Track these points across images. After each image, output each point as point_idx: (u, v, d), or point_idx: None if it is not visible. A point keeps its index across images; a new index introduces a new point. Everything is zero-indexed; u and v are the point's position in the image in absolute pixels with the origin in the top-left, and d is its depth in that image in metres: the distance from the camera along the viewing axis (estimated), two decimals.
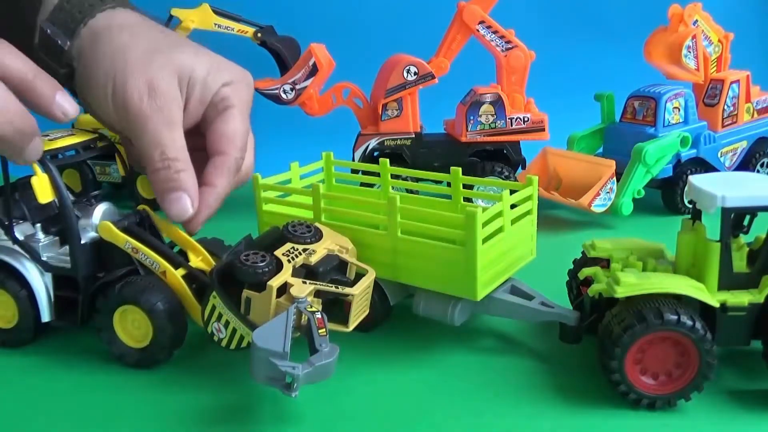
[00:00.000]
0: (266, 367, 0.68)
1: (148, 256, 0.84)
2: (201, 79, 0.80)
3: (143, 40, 0.80)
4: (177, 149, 0.78)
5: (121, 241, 0.85)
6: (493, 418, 0.74)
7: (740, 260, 0.78)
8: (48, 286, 0.88)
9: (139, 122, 0.77)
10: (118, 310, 0.84)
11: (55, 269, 0.87)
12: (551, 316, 0.85)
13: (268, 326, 0.71)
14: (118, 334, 0.85)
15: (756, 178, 0.84)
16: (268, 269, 0.76)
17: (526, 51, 1.43)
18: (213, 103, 0.82)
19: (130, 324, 0.84)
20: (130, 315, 0.84)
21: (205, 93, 0.81)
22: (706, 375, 0.72)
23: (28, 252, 0.87)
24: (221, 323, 0.78)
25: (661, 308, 0.72)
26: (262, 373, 0.69)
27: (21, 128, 0.71)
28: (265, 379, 0.69)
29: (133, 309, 0.83)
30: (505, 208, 0.86)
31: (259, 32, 1.54)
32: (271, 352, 0.67)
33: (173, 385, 0.82)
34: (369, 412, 0.76)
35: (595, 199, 1.30)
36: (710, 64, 1.50)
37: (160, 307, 0.82)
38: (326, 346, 0.70)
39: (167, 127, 0.78)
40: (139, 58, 0.78)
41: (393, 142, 1.44)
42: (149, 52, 0.79)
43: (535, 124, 1.42)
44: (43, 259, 0.87)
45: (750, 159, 1.52)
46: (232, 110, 0.83)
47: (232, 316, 0.77)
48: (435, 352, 0.88)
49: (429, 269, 0.85)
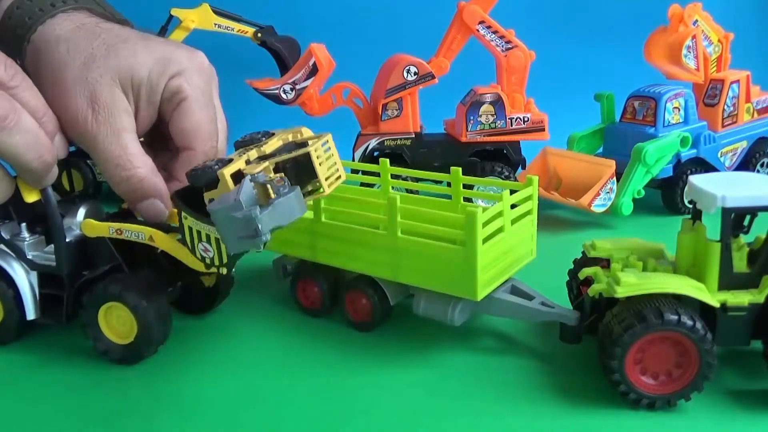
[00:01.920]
0: (230, 227, 0.66)
1: (132, 230, 0.83)
2: (144, 79, 0.77)
3: (79, 52, 0.77)
4: (132, 157, 0.77)
5: (105, 230, 0.84)
6: (493, 418, 0.74)
7: (740, 260, 0.77)
8: (33, 284, 0.88)
9: (89, 140, 0.76)
10: (103, 307, 0.84)
11: (40, 267, 0.88)
12: (551, 316, 0.85)
13: (220, 197, 0.69)
14: (103, 330, 0.85)
15: (756, 178, 0.84)
16: (218, 165, 0.73)
17: (526, 51, 1.43)
18: (165, 99, 0.80)
19: (114, 320, 0.85)
20: (115, 311, 0.84)
21: (152, 92, 0.79)
22: (706, 375, 0.72)
23: (14, 250, 0.88)
24: (203, 241, 0.75)
25: (661, 308, 0.72)
26: (230, 238, 0.67)
27: (49, 161, 0.73)
28: (237, 243, 0.67)
29: (118, 306, 0.84)
30: (506, 208, 0.86)
31: (259, 32, 1.54)
32: (225, 208, 0.66)
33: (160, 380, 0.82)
34: (369, 412, 0.76)
35: (595, 199, 1.29)
36: (710, 64, 1.50)
37: (144, 304, 0.82)
38: (284, 188, 0.68)
39: (116, 138, 0.76)
40: (77, 75, 0.76)
41: (393, 142, 1.44)
42: (86, 65, 0.76)
43: (535, 124, 1.42)
44: (29, 258, 0.88)
45: (750, 159, 1.51)
46: (186, 102, 0.80)
47: (206, 228, 0.74)
48: (435, 352, 0.88)
49: (429, 269, 0.85)
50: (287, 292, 1.02)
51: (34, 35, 0.78)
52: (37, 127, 0.71)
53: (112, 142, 0.76)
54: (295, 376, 0.83)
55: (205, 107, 0.81)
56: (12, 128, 0.69)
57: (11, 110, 0.68)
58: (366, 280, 0.92)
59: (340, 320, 0.96)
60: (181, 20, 1.48)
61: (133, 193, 0.79)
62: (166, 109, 0.81)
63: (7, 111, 0.68)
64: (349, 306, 0.94)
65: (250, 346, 0.91)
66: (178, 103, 0.80)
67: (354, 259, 0.92)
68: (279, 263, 1.03)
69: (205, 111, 0.81)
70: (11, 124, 0.68)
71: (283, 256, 1.03)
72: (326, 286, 0.97)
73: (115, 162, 0.77)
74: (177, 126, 0.81)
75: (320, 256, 0.95)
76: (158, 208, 0.80)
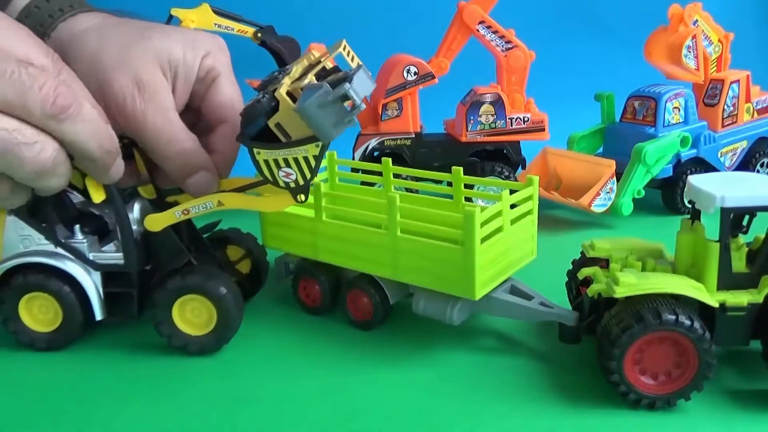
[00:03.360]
0: (324, 114, 0.69)
1: (197, 204, 0.83)
2: (180, 60, 0.80)
3: (113, 39, 0.79)
4: (182, 131, 0.79)
5: (171, 218, 0.85)
6: (493, 418, 0.74)
7: (739, 260, 0.78)
8: (97, 284, 0.87)
9: (139, 119, 0.77)
10: (179, 300, 0.86)
11: (104, 267, 0.87)
12: (550, 316, 0.85)
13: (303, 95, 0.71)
14: (177, 324, 0.86)
15: (756, 178, 0.84)
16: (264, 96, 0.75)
17: (526, 51, 1.43)
18: (199, 79, 0.83)
19: (189, 313, 0.86)
20: (190, 304, 0.86)
21: (188, 72, 0.81)
22: (706, 375, 0.72)
23: (73, 253, 0.87)
24: (282, 167, 0.77)
25: (659, 308, 0.72)
26: (326, 125, 0.70)
27: (110, 150, 0.72)
28: (333, 129, 0.71)
29: (194, 297, 0.85)
30: (505, 208, 0.86)
31: (259, 32, 1.54)
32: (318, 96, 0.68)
33: (159, 379, 0.82)
34: (369, 411, 0.76)
35: (595, 199, 1.30)
36: (710, 64, 1.50)
37: (224, 292, 0.85)
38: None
39: (164, 115, 0.78)
40: (116, 59, 0.77)
41: (393, 142, 1.44)
42: (123, 49, 0.78)
43: (535, 124, 1.42)
44: (90, 258, 0.87)
45: (750, 159, 1.52)
46: (219, 78, 0.84)
47: (283, 152, 0.76)
48: (435, 352, 0.88)
49: (428, 268, 0.85)
50: (288, 291, 1.02)
51: (55, 32, 0.80)
52: (97, 116, 0.70)
53: (162, 118, 0.78)
54: (295, 374, 0.83)
55: (233, 83, 0.86)
56: (75, 117, 0.67)
57: (73, 99, 0.67)
58: (367, 279, 0.92)
59: (341, 319, 0.96)
60: (181, 20, 1.48)
61: (186, 166, 0.80)
62: (199, 87, 0.83)
63: (70, 100, 0.66)
64: (350, 305, 0.95)
65: (251, 343, 0.91)
66: (213, 80, 0.83)
67: (355, 258, 0.92)
68: (281, 262, 1.03)
69: (234, 86, 0.86)
70: (75, 113, 0.67)
71: (284, 255, 1.03)
72: (327, 284, 0.97)
73: (167, 137, 0.78)
74: (213, 101, 0.84)
75: (321, 254, 0.95)
76: (209, 178, 0.82)
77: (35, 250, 0.86)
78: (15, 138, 0.62)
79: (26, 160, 0.64)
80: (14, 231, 0.86)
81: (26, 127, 0.63)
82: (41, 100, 0.63)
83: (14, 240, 0.86)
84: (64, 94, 0.65)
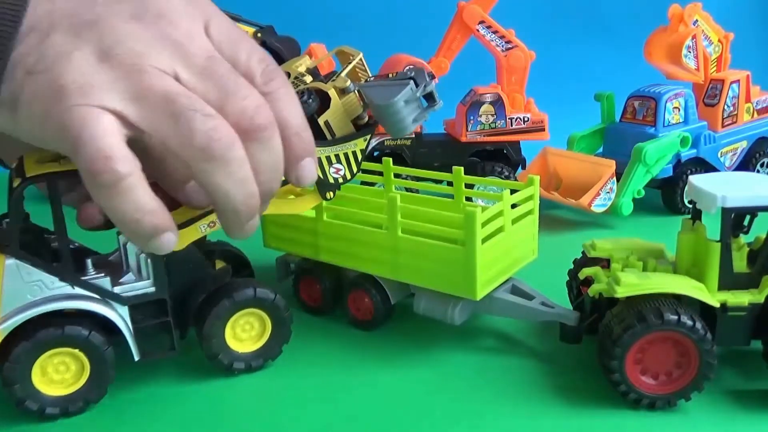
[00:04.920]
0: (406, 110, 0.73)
1: None
2: None
3: None
4: None
5: (195, 233, 0.75)
6: (493, 418, 0.74)
7: (740, 260, 0.78)
8: (127, 321, 0.76)
9: None
10: (231, 319, 0.81)
11: (134, 299, 0.76)
12: (551, 316, 0.85)
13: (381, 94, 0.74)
14: (229, 344, 0.82)
15: (756, 178, 0.84)
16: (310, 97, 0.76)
17: (526, 51, 1.43)
18: None
19: (240, 329, 0.83)
20: (242, 319, 0.82)
21: None
22: (706, 375, 0.73)
23: (96, 291, 0.75)
24: (333, 163, 0.78)
25: (661, 308, 0.72)
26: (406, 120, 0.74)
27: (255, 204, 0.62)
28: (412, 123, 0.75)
29: (249, 312, 0.82)
30: (506, 208, 0.86)
31: (259, 32, 1.54)
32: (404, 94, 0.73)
33: (160, 380, 0.82)
34: (369, 411, 0.76)
35: (595, 199, 1.30)
36: (710, 64, 1.50)
37: (277, 299, 0.83)
38: None
39: None
40: None
41: (393, 142, 1.44)
42: None
43: (535, 124, 1.42)
44: (116, 293, 0.75)
45: (750, 159, 1.52)
46: None
47: (336, 148, 0.77)
48: (435, 352, 0.88)
49: (429, 268, 0.85)
50: (290, 291, 1.02)
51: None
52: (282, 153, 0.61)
53: None
54: (296, 374, 0.83)
55: None
56: (265, 142, 0.59)
57: (270, 123, 0.59)
58: (368, 279, 0.92)
59: (342, 319, 0.96)
60: None
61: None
62: None
63: (266, 122, 0.59)
64: (352, 304, 0.95)
65: None
66: None
67: (355, 257, 0.92)
68: (282, 262, 1.03)
69: None
70: (267, 137, 0.59)
71: (285, 255, 1.03)
72: (328, 284, 0.97)
73: None
74: None
75: (322, 254, 0.95)
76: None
77: (49, 296, 0.72)
78: (194, 105, 0.56)
79: (196, 131, 0.56)
80: (17, 279, 0.71)
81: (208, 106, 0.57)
82: (240, 109, 0.58)
83: (19, 290, 0.71)
84: (265, 115, 0.59)
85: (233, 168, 0.58)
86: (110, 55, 0.56)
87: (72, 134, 0.55)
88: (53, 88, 0.55)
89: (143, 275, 0.77)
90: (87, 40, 0.57)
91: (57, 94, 0.55)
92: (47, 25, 0.57)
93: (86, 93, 0.55)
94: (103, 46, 0.56)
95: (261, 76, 0.62)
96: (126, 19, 0.58)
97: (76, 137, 0.54)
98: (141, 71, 0.56)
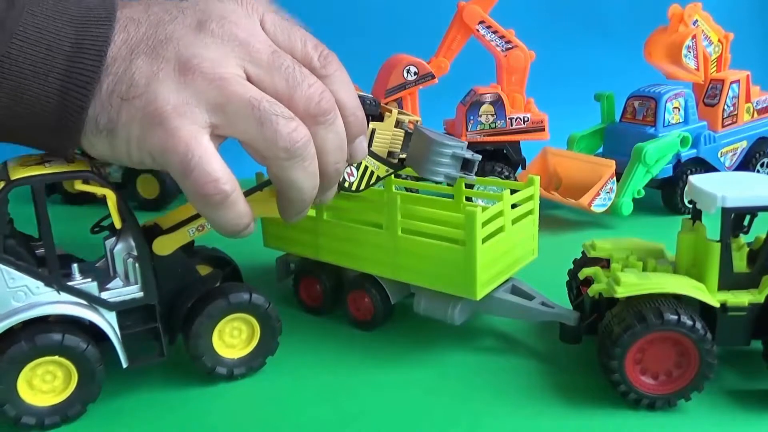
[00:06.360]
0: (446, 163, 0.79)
1: None
2: None
3: None
4: None
5: (183, 237, 0.77)
6: (493, 418, 0.74)
7: (740, 260, 0.78)
8: (114, 327, 0.75)
9: None
10: (221, 322, 0.79)
11: (122, 305, 0.75)
12: (551, 316, 0.85)
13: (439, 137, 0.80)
14: (216, 349, 0.80)
15: (756, 178, 0.84)
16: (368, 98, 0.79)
17: (526, 51, 1.43)
18: None
19: (228, 336, 0.81)
20: (230, 324, 0.81)
21: None
22: (706, 375, 0.73)
23: (83, 296, 0.73)
24: (353, 166, 0.80)
25: (661, 308, 0.72)
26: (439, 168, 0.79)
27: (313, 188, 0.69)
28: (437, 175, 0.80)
29: (240, 317, 0.81)
30: (506, 208, 0.86)
31: None
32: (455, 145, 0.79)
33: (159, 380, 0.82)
34: (369, 411, 0.76)
35: (595, 199, 1.30)
36: (710, 64, 1.50)
37: (269, 305, 0.82)
38: None
39: None
40: None
41: None
42: None
43: (535, 124, 1.42)
44: (103, 298, 0.74)
45: (750, 159, 1.52)
46: None
47: None
48: (435, 352, 0.88)
49: (429, 268, 0.85)
50: (289, 291, 1.02)
51: None
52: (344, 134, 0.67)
53: None
54: (295, 374, 0.83)
55: None
56: (330, 125, 0.64)
57: (333, 107, 0.64)
58: (368, 279, 0.92)
59: (342, 319, 0.96)
60: None
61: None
62: None
63: (330, 106, 0.64)
64: (352, 304, 0.95)
65: None
66: None
67: (355, 257, 0.92)
68: (282, 261, 1.03)
69: None
70: (331, 120, 0.64)
71: (285, 255, 1.03)
72: (328, 284, 0.97)
73: None
74: None
75: (322, 254, 0.95)
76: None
77: (34, 302, 0.71)
78: (275, 110, 0.61)
79: (281, 134, 0.61)
80: (1, 284, 0.69)
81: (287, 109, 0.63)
82: (307, 97, 0.63)
83: (2, 295, 0.70)
84: (328, 99, 0.64)
85: (308, 163, 0.64)
86: (190, 68, 0.61)
87: (177, 159, 0.60)
88: (149, 111, 0.60)
89: (131, 281, 0.76)
90: (167, 59, 0.61)
91: (153, 117, 0.60)
92: (127, 52, 0.61)
93: (181, 113, 0.60)
94: (182, 59, 0.61)
95: (318, 60, 0.67)
96: (195, 29, 0.63)
97: (182, 162, 0.60)
98: (222, 79, 0.61)
